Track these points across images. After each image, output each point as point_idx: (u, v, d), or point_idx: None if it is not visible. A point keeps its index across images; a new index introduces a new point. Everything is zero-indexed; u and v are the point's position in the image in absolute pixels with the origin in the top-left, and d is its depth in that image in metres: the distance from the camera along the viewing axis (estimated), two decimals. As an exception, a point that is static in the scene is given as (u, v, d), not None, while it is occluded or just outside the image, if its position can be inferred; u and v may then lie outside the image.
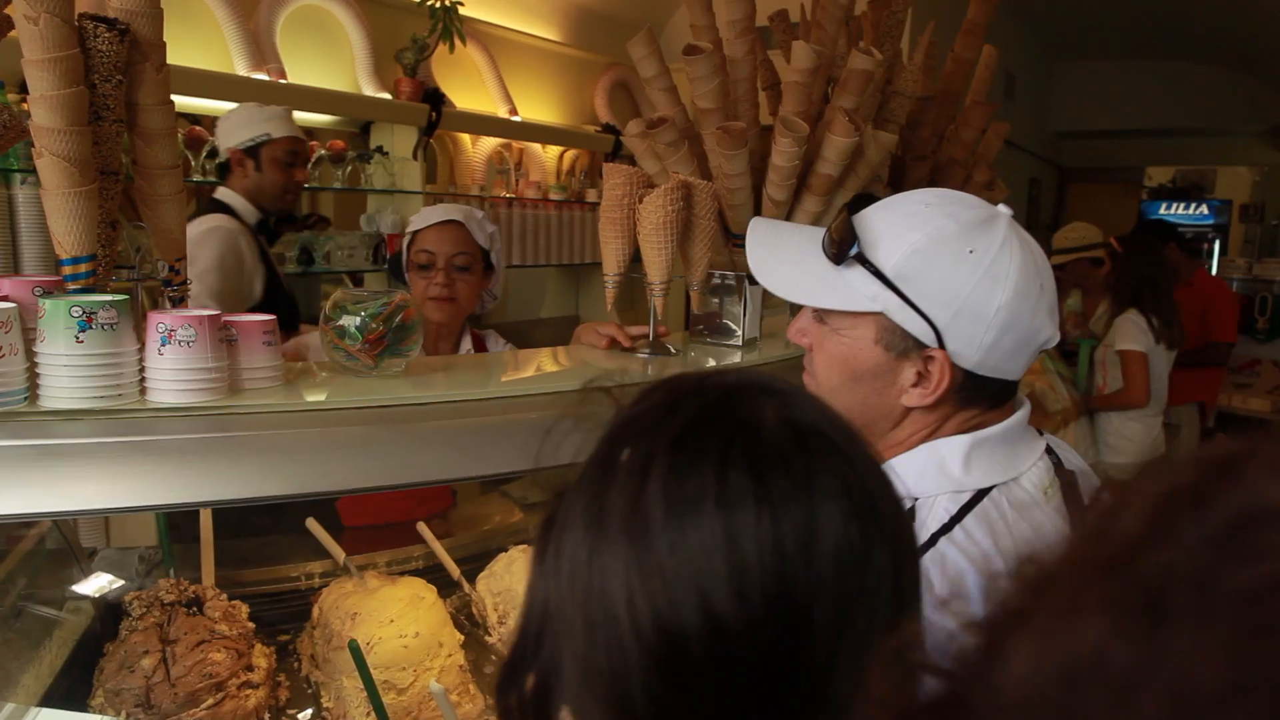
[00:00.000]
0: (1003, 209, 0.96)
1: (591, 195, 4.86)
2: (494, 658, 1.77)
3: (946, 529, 0.87)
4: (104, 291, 1.24)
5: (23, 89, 2.68)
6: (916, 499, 0.91)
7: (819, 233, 1.01)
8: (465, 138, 4.34)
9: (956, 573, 0.84)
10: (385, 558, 1.93)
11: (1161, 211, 8.40)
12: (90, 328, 1.11)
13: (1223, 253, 7.76)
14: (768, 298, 1.89)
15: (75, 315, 1.10)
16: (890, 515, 0.54)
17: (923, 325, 0.92)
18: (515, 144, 4.57)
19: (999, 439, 0.94)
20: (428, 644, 1.61)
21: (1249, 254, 7.59)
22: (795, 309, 1.11)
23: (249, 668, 1.54)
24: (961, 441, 0.93)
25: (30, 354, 1.13)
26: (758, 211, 1.85)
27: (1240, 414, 5.58)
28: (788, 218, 1.87)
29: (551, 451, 0.59)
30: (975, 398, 0.95)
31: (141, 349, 1.18)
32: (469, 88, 4.39)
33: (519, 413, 1.32)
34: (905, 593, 0.53)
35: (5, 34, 1.16)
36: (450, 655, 1.65)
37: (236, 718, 1.46)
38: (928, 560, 0.85)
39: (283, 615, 1.80)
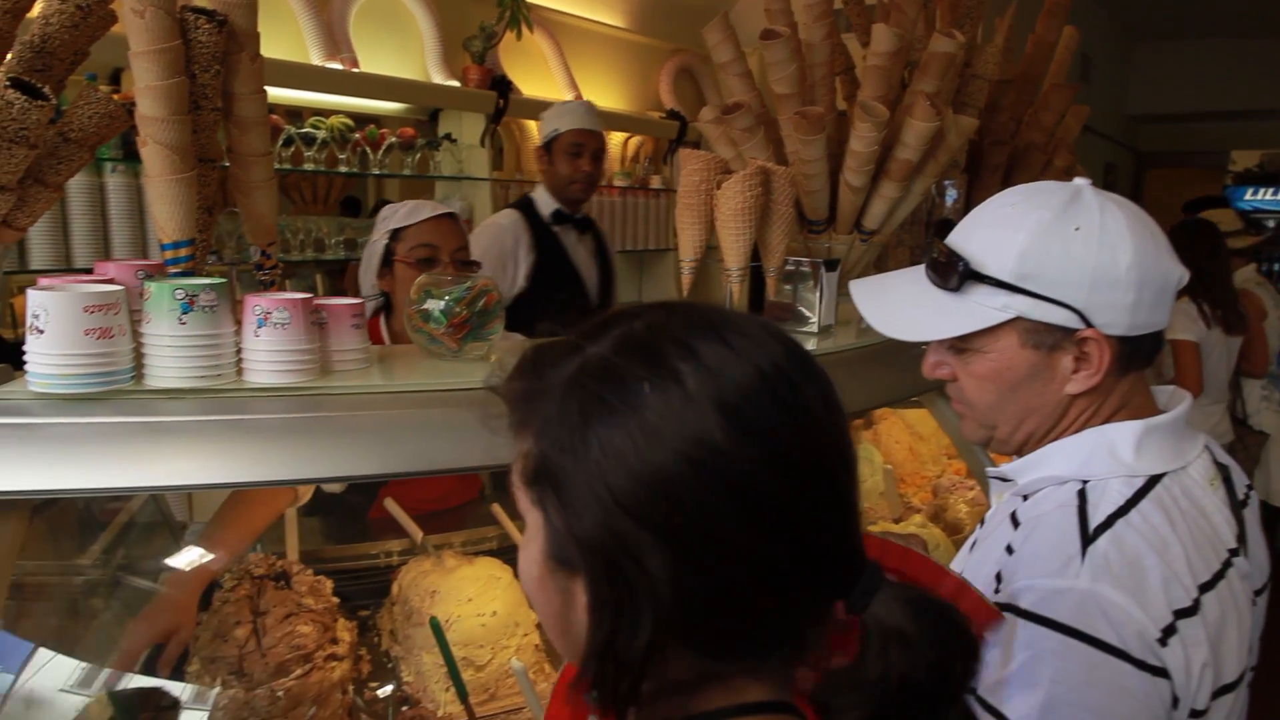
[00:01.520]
0: (1080, 181, 0.97)
1: (655, 182, 4.85)
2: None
3: (1123, 511, 0.88)
4: (202, 275, 1.28)
5: (113, 81, 2.79)
6: (1086, 481, 0.92)
7: (918, 271, 1.03)
8: (532, 124, 4.37)
9: (1135, 555, 0.85)
10: (460, 538, 1.97)
11: (1248, 197, 8.07)
12: (192, 310, 1.15)
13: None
14: (842, 285, 1.88)
15: (178, 298, 1.15)
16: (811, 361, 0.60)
17: (1063, 313, 0.92)
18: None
19: (1169, 427, 0.95)
20: (505, 623, 1.64)
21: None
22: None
23: (334, 641, 1.59)
24: (1133, 427, 0.93)
25: (135, 335, 1.18)
26: (834, 198, 1.84)
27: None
28: (865, 204, 1.85)
29: None
30: (1133, 360, 0.95)
31: (238, 331, 1.22)
32: (535, 75, 4.42)
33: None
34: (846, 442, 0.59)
35: (104, 31, 1.21)
36: (526, 635, 1.68)
37: (323, 689, 1.51)
38: (1105, 540, 0.86)
39: (362, 591, 1.85)
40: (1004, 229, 0.94)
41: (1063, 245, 0.91)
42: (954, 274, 0.96)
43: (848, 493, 0.58)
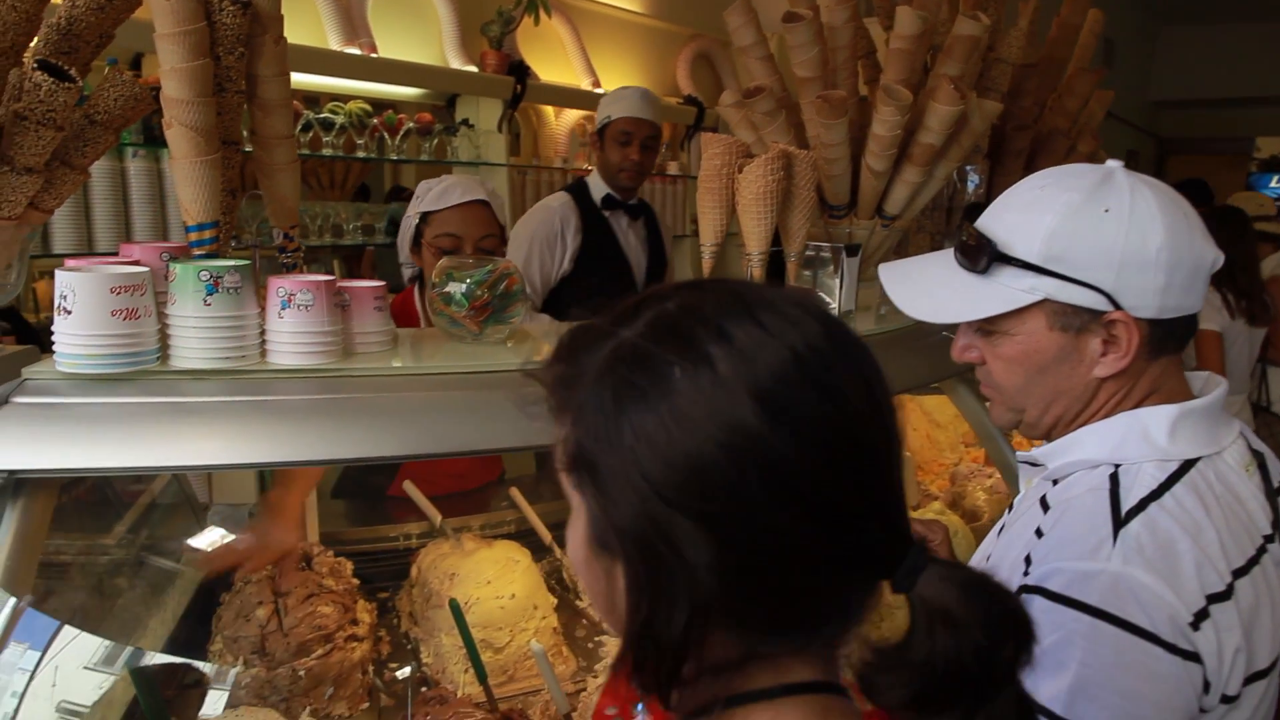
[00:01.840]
0: (1112, 163, 0.96)
1: (673, 168, 4.84)
2: (585, 622, 1.81)
3: (1156, 495, 0.88)
4: (226, 257, 1.29)
5: (134, 67, 2.80)
6: (1118, 465, 0.91)
7: (947, 255, 1.02)
8: (549, 110, 4.36)
9: (1168, 538, 0.85)
10: (479, 521, 1.98)
11: (1273, 184, 7.96)
12: (217, 291, 1.16)
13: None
14: (863, 271, 1.87)
15: (203, 279, 1.15)
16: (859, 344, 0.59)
17: (1091, 295, 0.91)
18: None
19: (1204, 412, 0.94)
20: (523, 605, 1.65)
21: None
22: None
23: (354, 621, 1.60)
24: (1168, 411, 0.92)
25: (160, 316, 1.19)
26: (855, 182, 1.82)
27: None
28: (887, 189, 1.83)
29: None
30: (1164, 344, 0.94)
31: (262, 312, 1.22)
32: (553, 60, 4.41)
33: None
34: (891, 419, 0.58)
35: (130, 14, 1.21)
36: (545, 617, 1.68)
37: (343, 669, 1.52)
38: (1137, 523, 0.86)
39: (381, 573, 1.87)
40: (1033, 211, 0.94)
41: (1092, 227, 0.90)
42: (982, 256, 0.95)
43: (890, 470, 0.57)
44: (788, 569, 0.54)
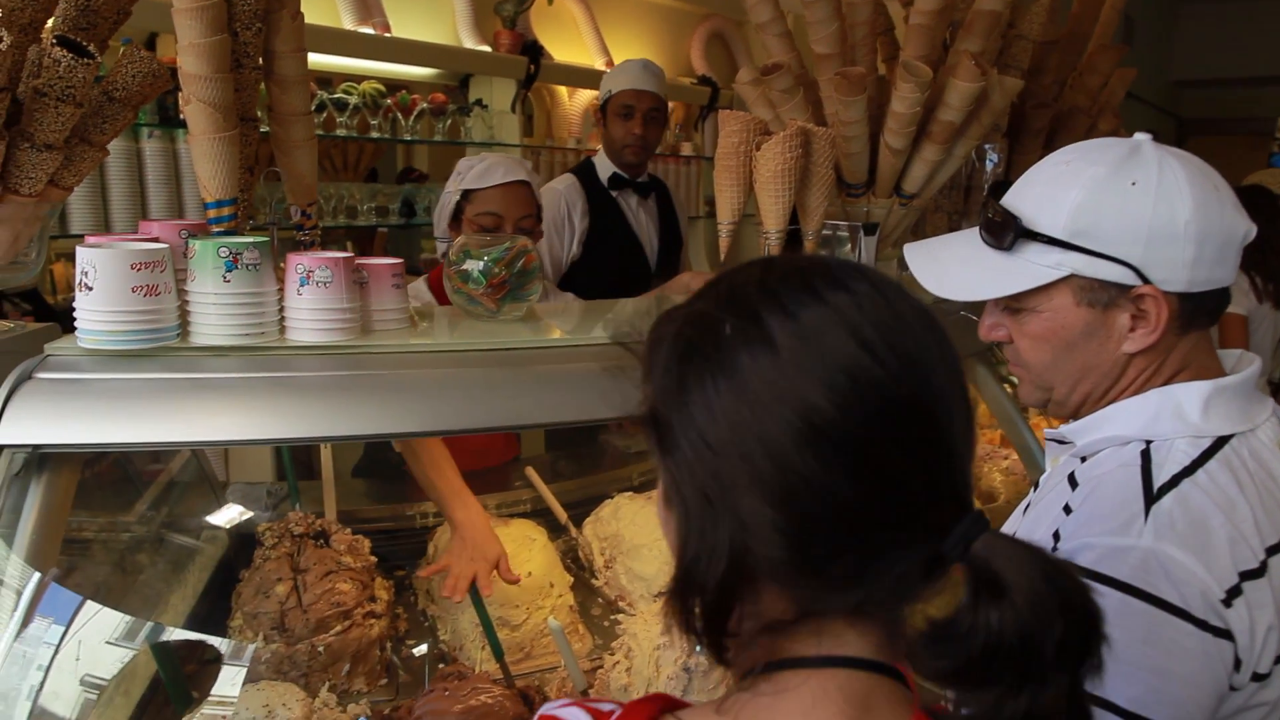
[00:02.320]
0: (1140, 136, 0.95)
1: (687, 149, 4.81)
2: (600, 600, 1.82)
3: (1189, 471, 0.87)
4: (244, 234, 1.29)
5: (148, 47, 2.80)
6: (1150, 441, 0.90)
7: (972, 233, 1.01)
8: (563, 90, 4.34)
9: (1200, 514, 0.84)
10: (494, 500, 1.99)
11: (1294, 166, 7.85)
12: (236, 267, 1.16)
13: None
14: (880, 249, 1.86)
15: (223, 255, 1.15)
16: (942, 330, 0.60)
17: (1118, 269, 0.90)
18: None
19: (1237, 388, 0.93)
20: (540, 584, 1.66)
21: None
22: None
23: (372, 599, 1.61)
24: (1201, 388, 0.91)
25: (180, 293, 1.19)
26: (874, 160, 1.81)
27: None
28: (905, 167, 1.82)
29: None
30: (1195, 318, 0.93)
31: (281, 289, 1.23)
32: (566, 40, 4.38)
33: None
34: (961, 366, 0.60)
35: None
36: (561, 596, 1.69)
37: (362, 645, 1.53)
38: (1170, 499, 0.85)
39: (398, 552, 1.88)
40: (1058, 186, 0.92)
41: (1118, 200, 0.89)
42: (1007, 233, 0.94)
43: (947, 435, 0.57)
44: (829, 524, 0.55)
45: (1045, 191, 0.94)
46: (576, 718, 0.61)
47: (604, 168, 2.90)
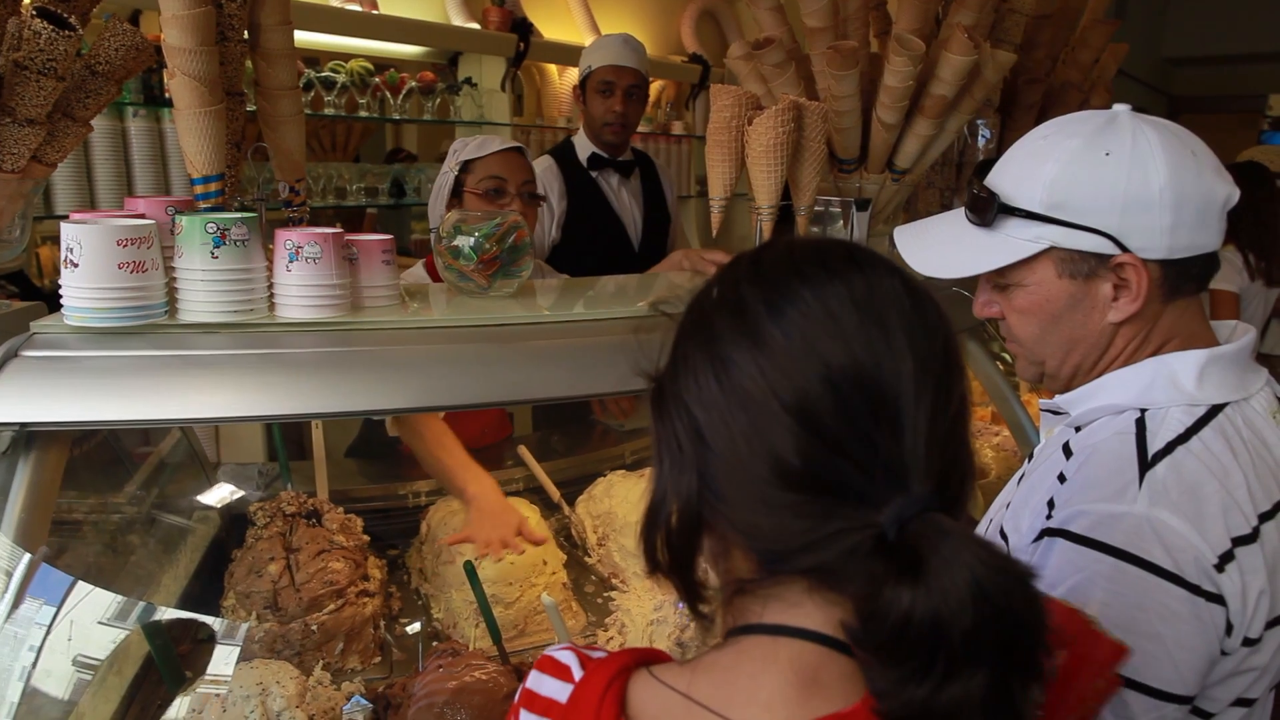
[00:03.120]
0: (1120, 107, 0.96)
1: (678, 128, 4.79)
2: (594, 578, 1.82)
3: (1183, 439, 0.87)
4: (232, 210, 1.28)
5: (133, 21, 2.76)
6: (1145, 410, 0.91)
7: (958, 213, 1.03)
8: (552, 69, 4.30)
9: (1194, 481, 0.85)
10: (487, 479, 1.98)
11: (1284, 143, 7.86)
12: (224, 244, 1.15)
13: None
14: (873, 225, 1.85)
15: (210, 231, 1.14)
16: (926, 286, 0.63)
17: (1096, 239, 0.91)
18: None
19: (1233, 357, 0.93)
20: (533, 561, 1.66)
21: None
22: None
23: (365, 577, 1.61)
24: (1196, 357, 0.92)
25: (168, 270, 1.18)
26: (866, 135, 1.80)
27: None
28: (898, 142, 1.81)
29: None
30: (1180, 285, 0.93)
31: (269, 266, 1.21)
32: (556, 18, 4.34)
33: (649, 344, 1.33)
34: (953, 350, 0.61)
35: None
36: (554, 573, 1.69)
37: (355, 623, 1.53)
38: (1164, 466, 0.85)
39: (391, 531, 1.88)
40: (1036, 160, 0.94)
41: (1092, 171, 0.90)
42: (988, 209, 0.96)
43: (901, 414, 0.57)
44: (770, 484, 0.57)
45: (1024, 167, 0.95)
46: (569, 659, 0.66)
47: (583, 147, 2.81)
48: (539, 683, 0.65)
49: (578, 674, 0.64)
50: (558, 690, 0.64)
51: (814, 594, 0.59)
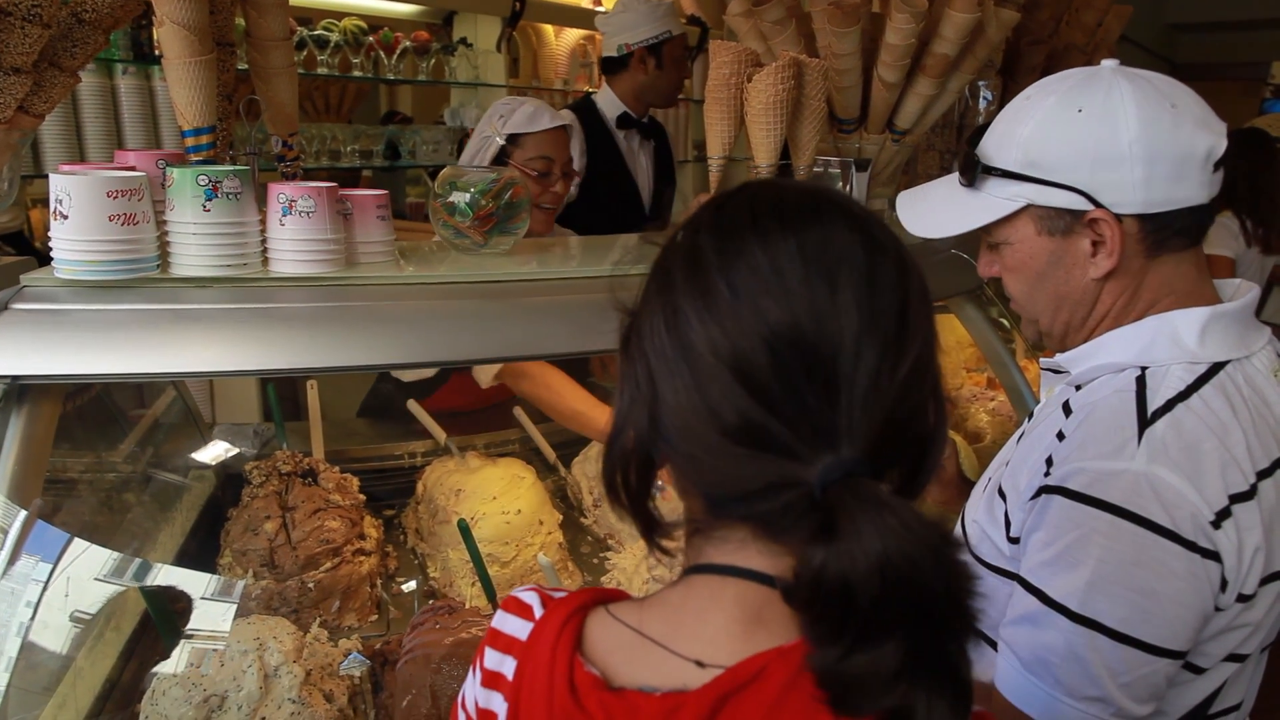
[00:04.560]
0: (1106, 62, 0.96)
1: (675, 91, 4.73)
2: (590, 538, 1.83)
3: (1183, 396, 0.87)
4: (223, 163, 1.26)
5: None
6: (1145, 367, 0.91)
7: (952, 176, 1.05)
8: (549, 30, 4.25)
9: (1193, 438, 0.85)
10: (483, 440, 1.98)
11: (1285, 111, 7.80)
12: (216, 196, 1.13)
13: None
14: (873, 186, 1.83)
15: (202, 184, 1.12)
16: (893, 243, 0.62)
17: (1067, 195, 0.91)
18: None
19: (1234, 316, 0.93)
20: (529, 521, 1.66)
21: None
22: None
23: (361, 536, 1.61)
24: (1199, 314, 0.92)
25: (159, 224, 1.16)
26: (866, 94, 1.78)
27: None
28: (898, 102, 1.79)
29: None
30: (1165, 238, 0.93)
31: (263, 220, 1.20)
32: (552, -23, 4.28)
33: (629, 292, 1.32)
34: (913, 311, 0.60)
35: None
36: (550, 533, 1.70)
37: (352, 582, 1.54)
38: (1163, 423, 0.85)
39: (386, 491, 1.88)
40: (1015, 121, 0.95)
41: (1063, 128, 0.91)
42: (972, 170, 0.98)
43: (837, 375, 0.57)
44: (708, 434, 0.59)
45: (1005, 127, 0.97)
46: (531, 599, 0.67)
47: (611, 106, 2.81)
48: (503, 621, 0.67)
49: (539, 613, 0.65)
50: (519, 628, 0.65)
51: (758, 540, 0.61)
